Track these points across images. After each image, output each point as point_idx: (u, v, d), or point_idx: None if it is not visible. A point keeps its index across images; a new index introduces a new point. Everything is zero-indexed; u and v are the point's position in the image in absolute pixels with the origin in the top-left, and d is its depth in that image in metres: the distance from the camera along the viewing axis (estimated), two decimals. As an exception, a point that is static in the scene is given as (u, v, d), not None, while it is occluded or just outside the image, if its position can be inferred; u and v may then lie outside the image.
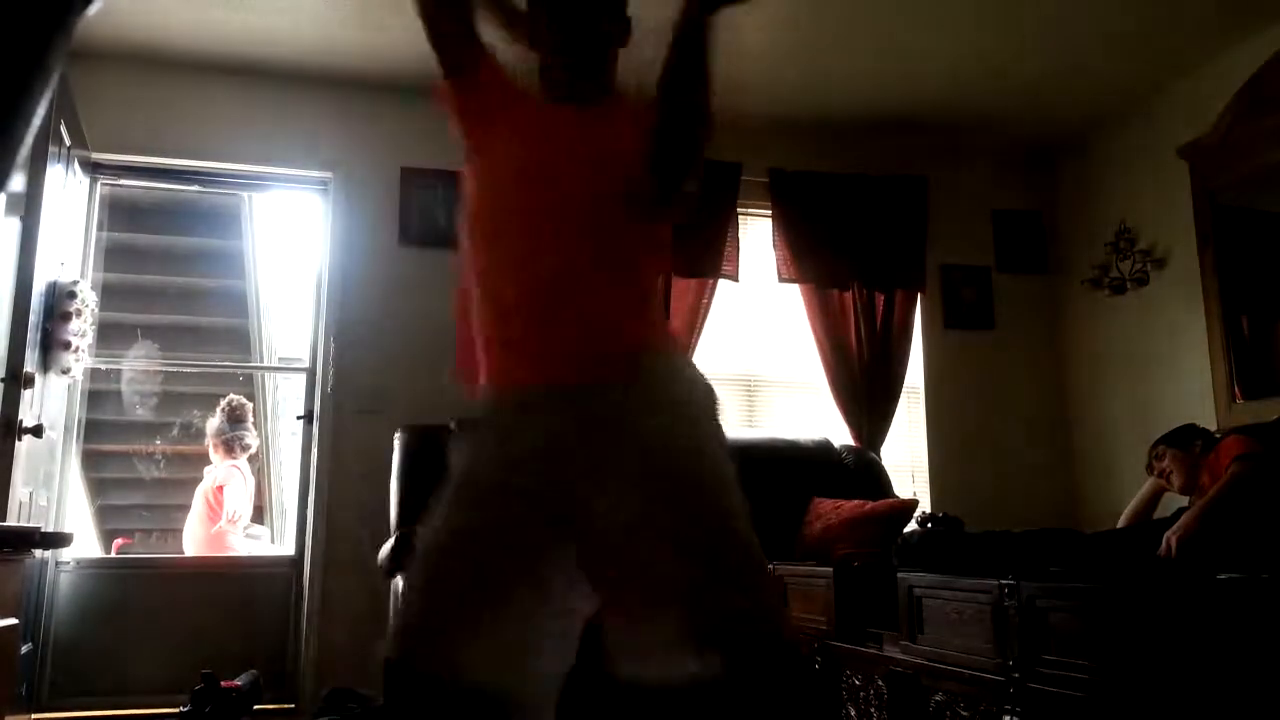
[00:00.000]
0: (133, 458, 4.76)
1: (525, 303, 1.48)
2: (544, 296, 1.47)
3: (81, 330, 3.39)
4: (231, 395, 4.49)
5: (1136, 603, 1.51)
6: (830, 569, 2.54)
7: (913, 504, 3.68)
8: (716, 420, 1.52)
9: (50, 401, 3.31)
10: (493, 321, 1.51)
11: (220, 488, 4.34)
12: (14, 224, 2.98)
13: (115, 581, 3.80)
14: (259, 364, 5.53)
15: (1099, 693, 1.55)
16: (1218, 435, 3.08)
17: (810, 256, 4.43)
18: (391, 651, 1.42)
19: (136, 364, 4.82)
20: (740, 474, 1.48)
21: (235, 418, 4.40)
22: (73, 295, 3.28)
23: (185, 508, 4.42)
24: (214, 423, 4.41)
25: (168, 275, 5.42)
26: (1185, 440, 3.03)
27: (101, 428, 4.89)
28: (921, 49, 3.90)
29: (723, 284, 4.33)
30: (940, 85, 4.21)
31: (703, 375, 1.56)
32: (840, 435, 4.33)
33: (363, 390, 3.94)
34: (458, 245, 1.60)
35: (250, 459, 4.51)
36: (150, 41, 3.80)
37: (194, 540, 4.27)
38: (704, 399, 1.52)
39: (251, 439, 4.45)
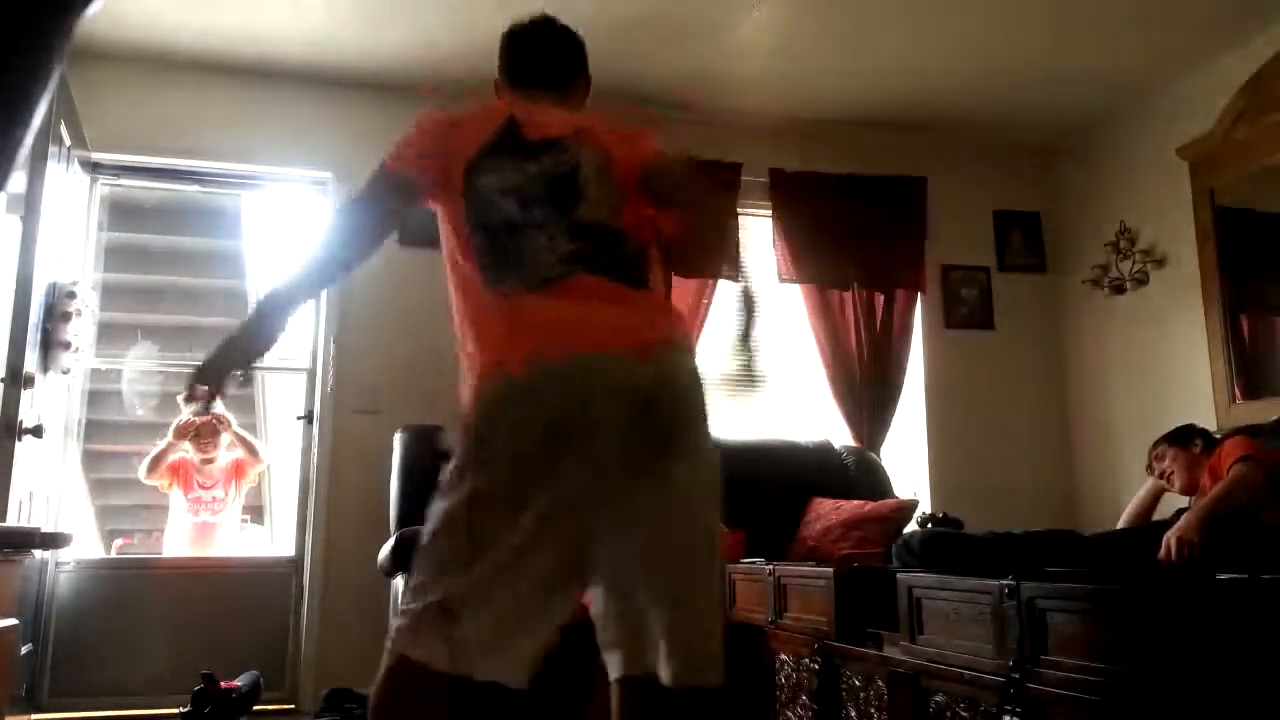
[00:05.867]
0: (133, 458, 4.75)
1: None
2: None
3: (81, 330, 3.39)
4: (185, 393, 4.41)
5: (1137, 603, 1.51)
6: (830, 569, 2.53)
7: (913, 504, 3.68)
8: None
9: (50, 401, 3.31)
10: None
11: (240, 463, 4.34)
12: (14, 224, 2.98)
13: (115, 581, 3.80)
14: (259, 364, 5.52)
15: (1099, 693, 1.55)
16: (1218, 435, 3.08)
17: (810, 256, 4.43)
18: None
19: (136, 364, 4.82)
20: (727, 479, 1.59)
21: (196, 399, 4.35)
22: (73, 295, 3.27)
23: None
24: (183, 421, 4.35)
25: (168, 275, 5.42)
26: (1185, 440, 3.03)
27: (101, 428, 4.89)
28: (921, 49, 3.90)
29: (723, 284, 4.33)
30: (940, 85, 4.21)
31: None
32: (840, 435, 4.33)
33: (363, 390, 3.94)
34: None
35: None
36: (150, 41, 3.80)
37: (212, 539, 4.27)
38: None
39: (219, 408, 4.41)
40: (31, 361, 2.96)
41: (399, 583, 2.94)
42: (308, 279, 1.63)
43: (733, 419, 4.49)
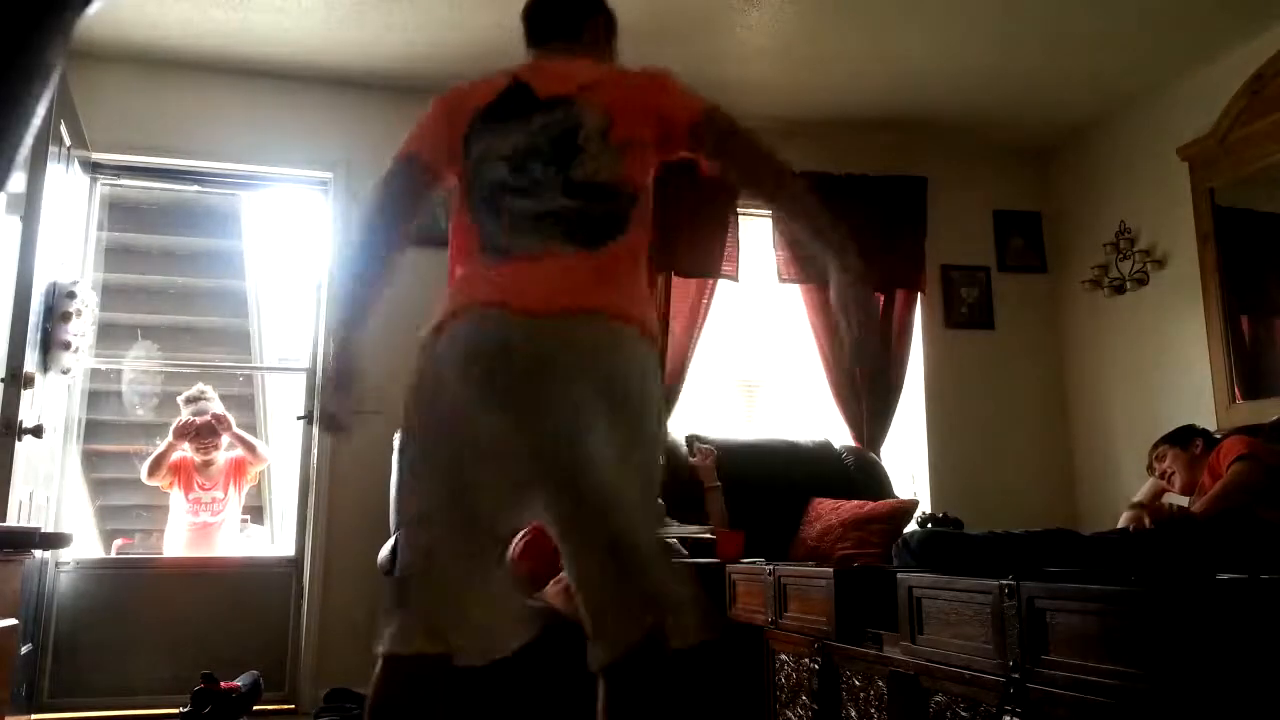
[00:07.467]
0: (133, 458, 4.76)
1: None
2: None
3: (81, 330, 3.39)
4: (186, 394, 4.41)
5: (1137, 603, 1.51)
6: (830, 570, 2.53)
7: (913, 504, 3.68)
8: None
9: (50, 401, 3.31)
10: None
11: (240, 461, 4.34)
12: (14, 224, 2.98)
13: (115, 581, 3.80)
14: (259, 364, 5.53)
15: (1099, 693, 1.55)
16: (1218, 435, 3.08)
17: (810, 257, 4.42)
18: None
19: (136, 364, 4.82)
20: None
21: (195, 399, 4.36)
22: (73, 295, 3.28)
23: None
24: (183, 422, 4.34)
25: (168, 275, 5.42)
26: (1186, 441, 3.04)
27: (101, 428, 4.89)
28: (921, 49, 3.90)
29: (723, 284, 4.33)
30: (940, 85, 4.21)
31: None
32: (840, 435, 4.33)
33: (363, 390, 3.93)
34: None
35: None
36: (150, 41, 3.80)
37: (211, 540, 4.26)
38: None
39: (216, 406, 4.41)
40: (31, 361, 2.96)
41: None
42: (354, 279, 1.76)
43: (733, 419, 4.50)
